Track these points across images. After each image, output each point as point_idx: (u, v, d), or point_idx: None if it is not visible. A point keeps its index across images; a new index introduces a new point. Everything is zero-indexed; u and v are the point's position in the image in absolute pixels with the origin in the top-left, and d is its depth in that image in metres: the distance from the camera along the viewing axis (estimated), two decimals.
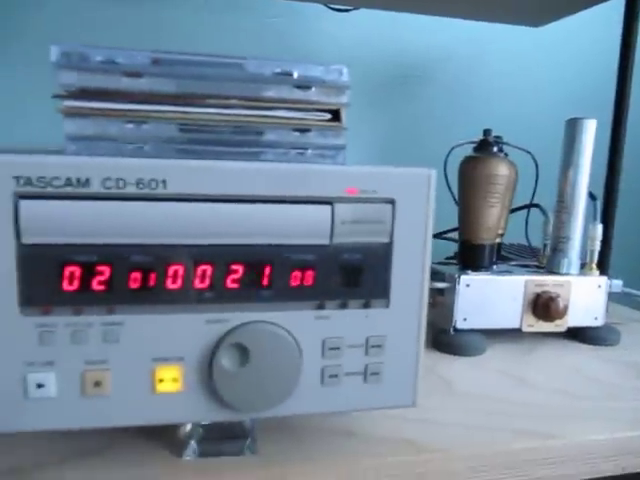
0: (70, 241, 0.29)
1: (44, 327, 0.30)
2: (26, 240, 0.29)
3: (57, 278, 0.29)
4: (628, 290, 0.70)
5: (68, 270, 0.29)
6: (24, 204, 0.28)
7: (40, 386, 0.30)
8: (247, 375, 0.32)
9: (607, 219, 0.78)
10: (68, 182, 0.28)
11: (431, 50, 1.08)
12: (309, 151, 0.34)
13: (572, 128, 0.62)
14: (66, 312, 0.30)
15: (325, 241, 0.32)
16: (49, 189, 0.28)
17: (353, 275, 0.33)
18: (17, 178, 0.28)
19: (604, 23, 0.99)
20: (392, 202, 0.32)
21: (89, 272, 0.30)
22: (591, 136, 0.62)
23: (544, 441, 0.41)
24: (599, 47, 1.06)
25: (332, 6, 0.98)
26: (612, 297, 0.66)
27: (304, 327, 0.32)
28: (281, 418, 0.40)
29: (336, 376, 0.33)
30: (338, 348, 0.33)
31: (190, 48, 0.31)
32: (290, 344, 0.32)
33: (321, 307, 0.33)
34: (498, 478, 0.40)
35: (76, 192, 0.29)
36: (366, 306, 0.33)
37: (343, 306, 0.33)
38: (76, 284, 0.30)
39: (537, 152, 0.68)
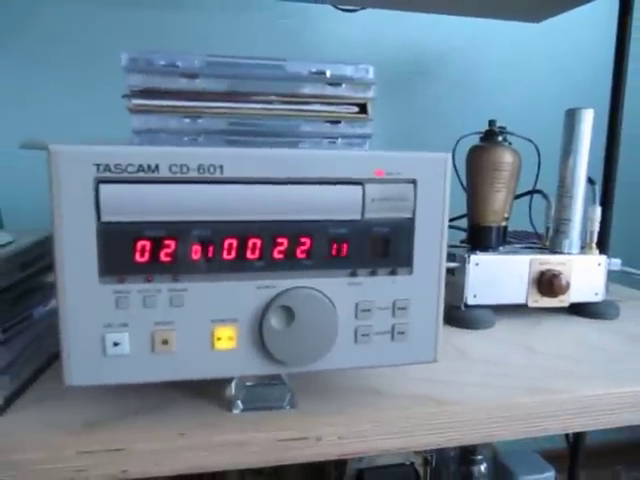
0: (141, 219, 0.34)
1: (120, 293, 0.35)
2: (105, 218, 0.34)
3: (130, 251, 0.34)
4: (627, 269, 0.75)
5: (140, 244, 0.34)
6: (103, 188, 0.33)
7: (116, 344, 0.35)
8: (292, 333, 0.37)
9: (606, 202, 0.83)
10: (140, 168, 0.33)
11: (435, 46, 1.13)
12: (339, 140, 0.39)
13: (571, 118, 0.67)
14: (138, 280, 0.35)
15: (357, 217, 0.37)
16: (124, 174, 0.33)
17: (381, 246, 0.38)
18: (97, 165, 0.33)
19: (602, 15, 1.03)
20: (414, 182, 0.37)
21: (157, 245, 0.35)
22: (589, 125, 0.67)
23: (550, 396, 0.46)
24: (598, 39, 1.11)
25: (339, 7, 1.03)
26: (613, 276, 0.71)
27: (340, 292, 0.37)
28: (319, 377, 0.46)
29: (367, 335, 0.38)
30: (369, 310, 0.38)
31: (206, 47, 0.36)
32: (328, 306, 0.37)
33: (354, 274, 0.38)
34: (512, 428, 0.45)
35: (147, 177, 0.34)
36: (393, 273, 0.38)
37: (373, 273, 0.38)
38: (147, 256, 0.35)
39: (539, 141, 0.73)
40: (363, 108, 0.39)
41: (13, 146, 0.55)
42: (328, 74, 0.37)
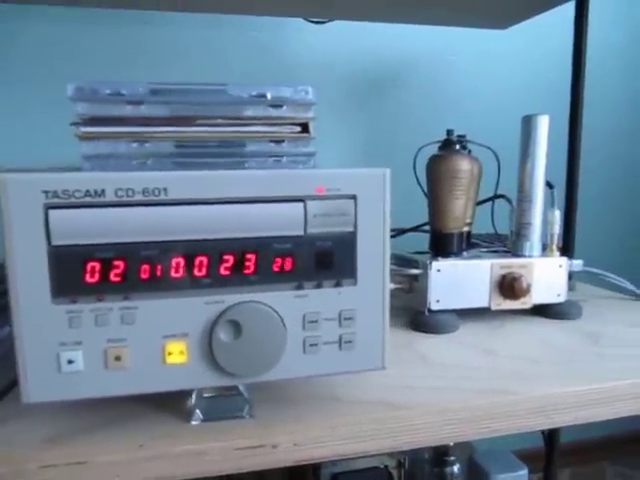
0: (91, 241, 0.36)
1: (72, 313, 0.36)
2: (55, 242, 0.35)
3: (81, 272, 0.36)
4: (589, 269, 0.77)
5: (90, 265, 0.36)
6: (52, 213, 0.35)
7: (70, 362, 0.37)
8: (241, 346, 0.38)
9: (570, 206, 0.85)
10: (87, 193, 0.35)
11: (404, 55, 1.15)
12: (284, 159, 0.41)
13: (527, 124, 0.69)
14: (90, 300, 0.36)
15: (300, 232, 0.39)
16: (72, 200, 0.35)
17: (325, 259, 0.39)
18: (46, 192, 0.35)
19: (563, 26, 1.05)
20: (354, 197, 0.39)
21: (107, 266, 0.36)
22: (544, 130, 0.69)
23: (502, 397, 0.48)
24: (560, 46, 1.12)
25: (310, 19, 1.05)
26: (584, 277, 0.73)
27: (286, 304, 0.39)
28: (279, 387, 0.47)
29: (316, 345, 0.40)
30: (316, 321, 0.40)
31: (181, 61, 0.38)
32: (275, 319, 0.39)
33: (300, 287, 0.39)
34: (462, 430, 0.46)
35: (94, 201, 0.35)
36: (337, 285, 0.40)
37: (318, 286, 0.40)
38: (97, 277, 0.36)
39: (504, 147, 0.74)
40: (305, 127, 0.40)
41: None
42: (269, 96, 0.39)
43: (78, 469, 0.39)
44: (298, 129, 0.40)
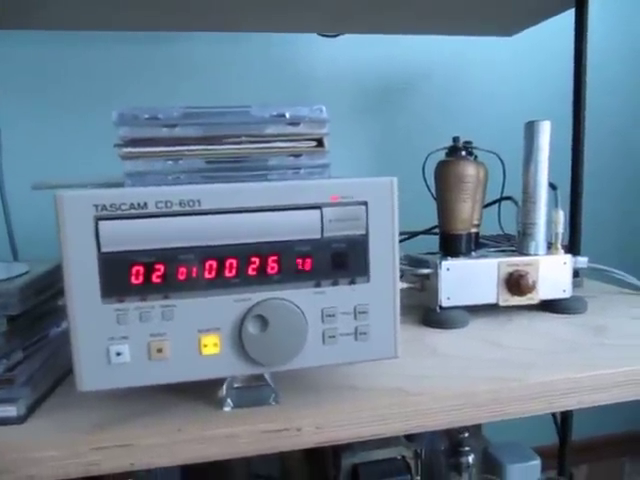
0: (135, 248, 0.41)
1: (119, 311, 0.41)
2: (104, 249, 0.40)
3: (127, 275, 0.41)
4: (594, 265, 0.81)
5: (134, 269, 0.41)
6: (102, 224, 0.40)
7: (119, 354, 0.42)
8: (267, 338, 0.43)
9: (575, 206, 0.89)
10: (132, 206, 0.40)
11: (416, 63, 1.20)
12: (302, 170, 0.46)
13: (530, 129, 0.73)
14: (135, 299, 0.41)
15: (318, 236, 0.43)
16: (118, 212, 0.40)
17: (340, 260, 0.44)
18: (96, 206, 0.40)
19: (569, 32, 1.09)
20: (365, 204, 0.44)
21: (149, 269, 0.41)
22: (546, 135, 0.73)
23: (508, 383, 0.52)
24: (564, 52, 1.16)
25: (322, 33, 1.10)
26: (593, 274, 0.77)
27: (307, 300, 0.44)
28: (301, 377, 0.52)
29: (334, 336, 0.45)
30: (333, 315, 0.44)
31: (201, 75, 0.42)
32: (297, 314, 0.43)
33: (318, 285, 0.44)
34: (470, 414, 0.50)
35: (137, 213, 0.40)
36: (352, 282, 0.45)
37: (335, 283, 0.44)
38: (141, 279, 0.41)
39: (512, 151, 0.78)
40: (320, 142, 0.45)
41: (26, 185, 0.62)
42: (287, 115, 0.44)
43: (124, 451, 0.44)
44: (314, 144, 0.45)
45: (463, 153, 0.71)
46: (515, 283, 0.70)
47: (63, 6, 0.81)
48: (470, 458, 0.81)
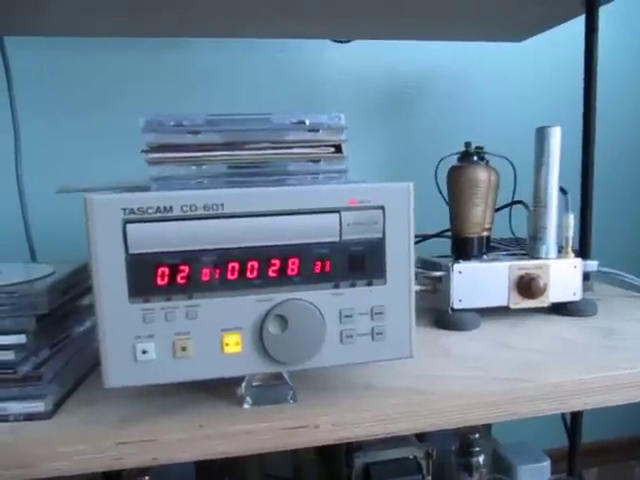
0: (161, 250, 0.42)
1: (146, 311, 0.43)
2: (131, 251, 0.42)
3: (153, 276, 0.43)
4: (605, 269, 0.82)
5: (160, 270, 0.43)
6: (130, 226, 0.42)
7: (145, 352, 0.43)
8: (287, 337, 0.44)
9: (585, 210, 0.90)
10: (158, 209, 0.42)
11: (424, 71, 1.21)
12: (321, 176, 0.47)
13: (541, 135, 0.74)
14: (160, 299, 0.43)
15: (336, 239, 0.45)
16: (145, 215, 0.42)
17: (358, 262, 0.46)
18: (124, 209, 0.42)
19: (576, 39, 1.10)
20: (382, 208, 0.45)
21: (174, 271, 0.43)
22: (557, 140, 0.74)
23: (517, 384, 0.53)
24: (575, 58, 1.17)
25: (334, 39, 1.11)
26: (604, 278, 0.78)
27: (325, 301, 0.45)
28: (319, 376, 0.53)
29: (351, 336, 0.46)
30: (351, 316, 0.46)
31: (214, 80, 0.43)
32: (316, 314, 0.45)
33: (336, 286, 0.45)
34: (481, 413, 0.52)
35: (163, 216, 0.42)
36: (369, 284, 0.46)
37: (352, 285, 0.46)
38: (166, 279, 0.43)
39: (523, 156, 0.79)
40: (338, 148, 0.47)
41: (49, 189, 0.64)
42: (307, 123, 0.46)
43: (149, 445, 0.45)
44: (332, 150, 0.46)
45: (475, 158, 0.72)
46: (526, 286, 0.71)
47: (65, 12, 0.82)
48: (480, 458, 0.82)
